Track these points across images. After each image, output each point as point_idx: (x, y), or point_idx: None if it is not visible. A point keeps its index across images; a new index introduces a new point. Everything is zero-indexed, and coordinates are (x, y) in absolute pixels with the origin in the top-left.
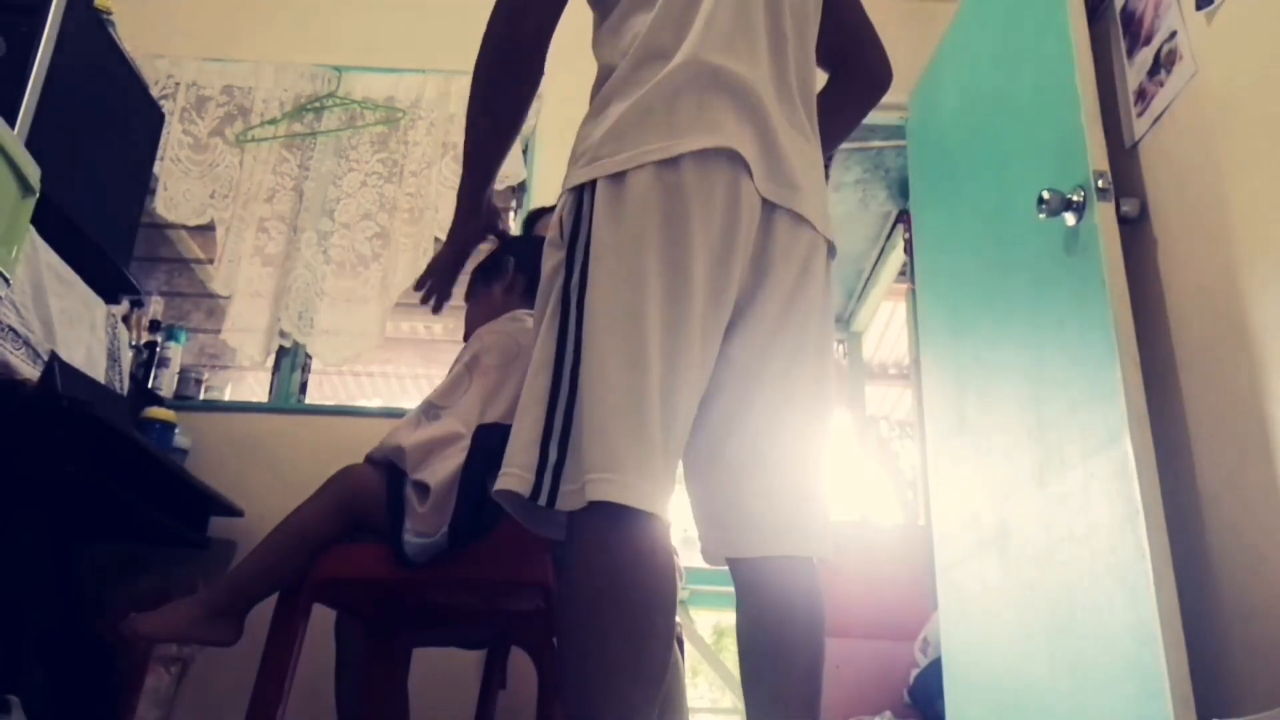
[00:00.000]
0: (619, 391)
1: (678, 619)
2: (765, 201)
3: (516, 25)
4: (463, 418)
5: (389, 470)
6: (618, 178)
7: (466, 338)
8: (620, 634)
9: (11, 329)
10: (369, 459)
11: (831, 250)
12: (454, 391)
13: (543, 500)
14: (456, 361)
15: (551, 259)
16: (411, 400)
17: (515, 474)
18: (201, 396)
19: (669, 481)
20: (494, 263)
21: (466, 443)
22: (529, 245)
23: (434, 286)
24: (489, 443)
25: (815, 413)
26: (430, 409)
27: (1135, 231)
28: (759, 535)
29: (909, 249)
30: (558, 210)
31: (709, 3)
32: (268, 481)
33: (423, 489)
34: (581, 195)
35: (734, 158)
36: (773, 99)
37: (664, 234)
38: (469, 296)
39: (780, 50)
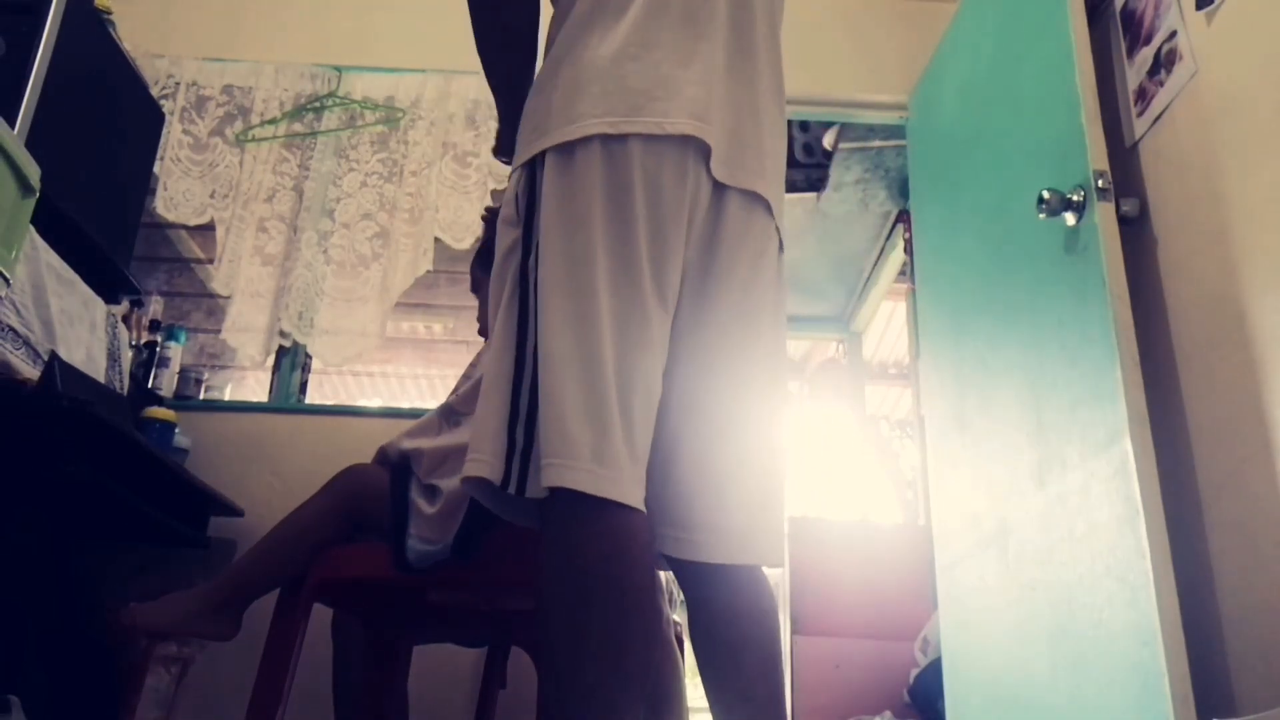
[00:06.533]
0: (571, 373)
1: (676, 618)
2: (716, 184)
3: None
4: None
5: (395, 471)
6: (566, 149)
7: (483, 332)
8: (597, 635)
9: (11, 329)
10: (381, 455)
11: (780, 243)
12: (475, 397)
13: (513, 488)
14: (479, 363)
15: (507, 237)
16: (411, 400)
17: (485, 460)
18: (201, 396)
19: (633, 468)
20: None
21: None
22: None
23: None
24: None
25: (770, 411)
26: (451, 414)
27: (1135, 231)
28: (718, 541)
29: (909, 249)
30: (511, 187)
31: None
32: (268, 481)
33: (432, 492)
34: (534, 169)
35: (685, 141)
36: (736, 67)
37: (608, 209)
38: (476, 289)
39: (744, 11)
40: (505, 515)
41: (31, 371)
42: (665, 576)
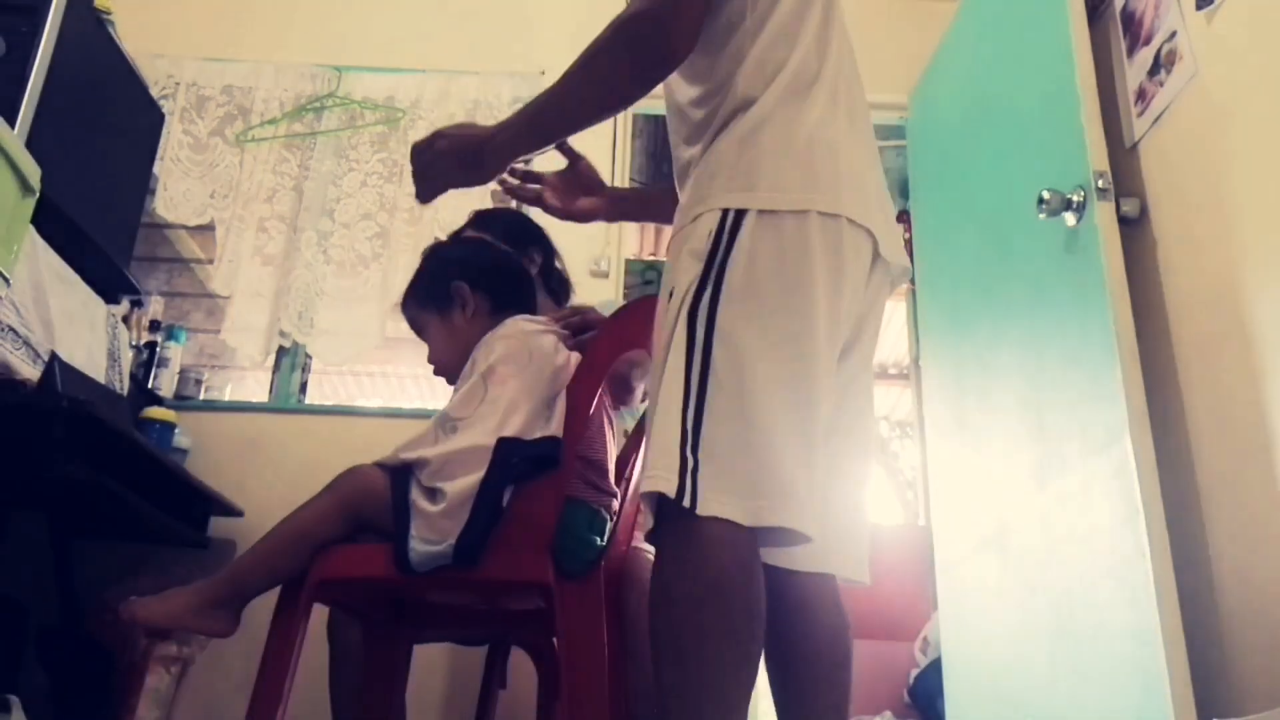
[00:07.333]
0: (790, 417)
1: None
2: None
3: (680, 21)
4: (483, 430)
5: (395, 474)
6: (775, 214)
7: (440, 373)
8: (726, 638)
9: (11, 329)
10: (379, 466)
11: None
12: (469, 403)
13: (686, 501)
14: (469, 371)
15: (689, 269)
16: (411, 400)
17: (661, 476)
18: (201, 396)
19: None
20: (439, 290)
21: (489, 457)
22: (474, 264)
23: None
24: (510, 457)
25: (870, 444)
26: (447, 421)
27: (1135, 231)
28: (817, 551)
29: (909, 249)
30: (705, 223)
31: (829, 48)
32: (268, 481)
33: (433, 493)
34: (727, 216)
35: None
36: (868, 144)
37: (827, 277)
38: (419, 329)
39: (856, 80)
40: (655, 529)
41: (31, 371)
42: None
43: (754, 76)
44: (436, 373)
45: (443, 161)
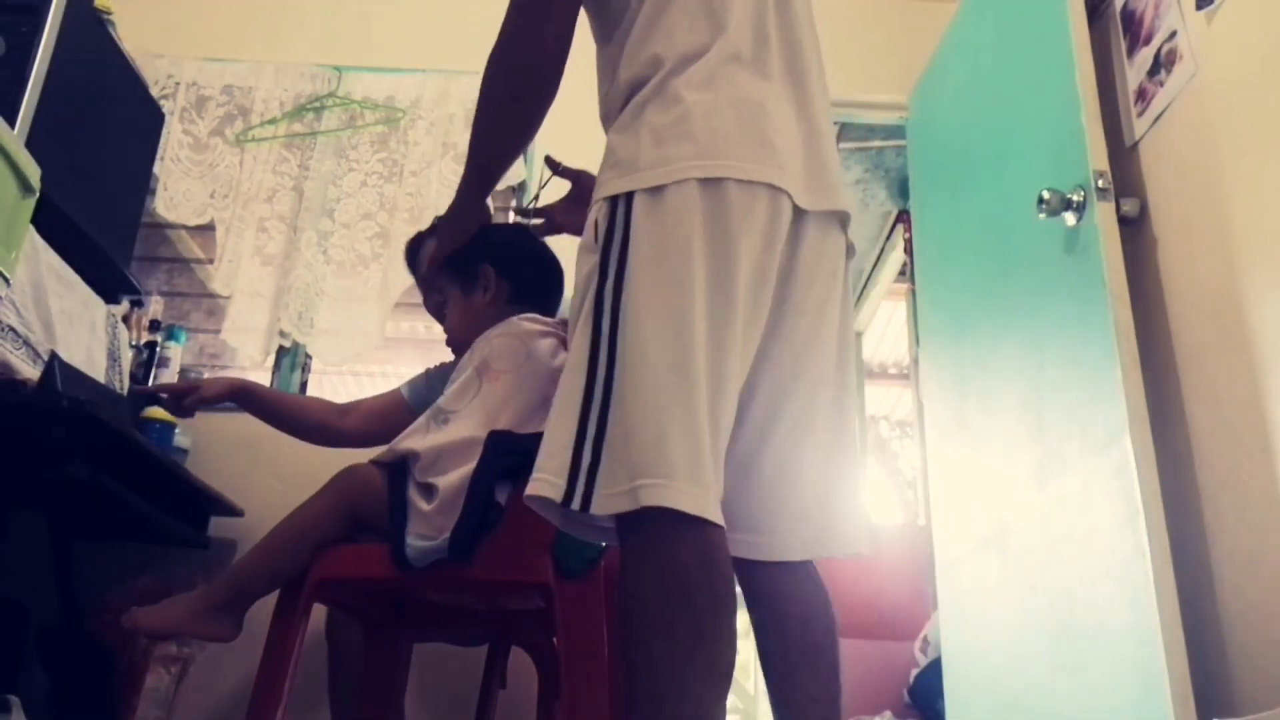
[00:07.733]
0: (668, 395)
1: None
2: (797, 211)
3: (537, 45)
4: (474, 423)
5: (392, 471)
6: (657, 190)
7: (451, 344)
8: (692, 639)
9: (11, 329)
10: (375, 464)
11: (850, 251)
12: (462, 396)
13: (575, 504)
14: (464, 365)
15: (585, 264)
16: None
17: (545, 480)
18: None
19: (718, 488)
20: (468, 268)
21: (480, 449)
22: (507, 250)
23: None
24: (500, 450)
25: (842, 417)
26: (439, 414)
27: (1135, 231)
28: (796, 540)
29: (909, 249)
30: (592, 216)
31: (729, 9)
32: (268, 481)
33: (428, 490)
34: (616, 204)
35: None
36: (795, 96)
37: (708, 245)
38: (444, 299)
39: (790, 30)
40: (567, 529)
41: (31, 371)
42: None
43: (632, 63)
44: (448, 343)
45: (442, 234)
